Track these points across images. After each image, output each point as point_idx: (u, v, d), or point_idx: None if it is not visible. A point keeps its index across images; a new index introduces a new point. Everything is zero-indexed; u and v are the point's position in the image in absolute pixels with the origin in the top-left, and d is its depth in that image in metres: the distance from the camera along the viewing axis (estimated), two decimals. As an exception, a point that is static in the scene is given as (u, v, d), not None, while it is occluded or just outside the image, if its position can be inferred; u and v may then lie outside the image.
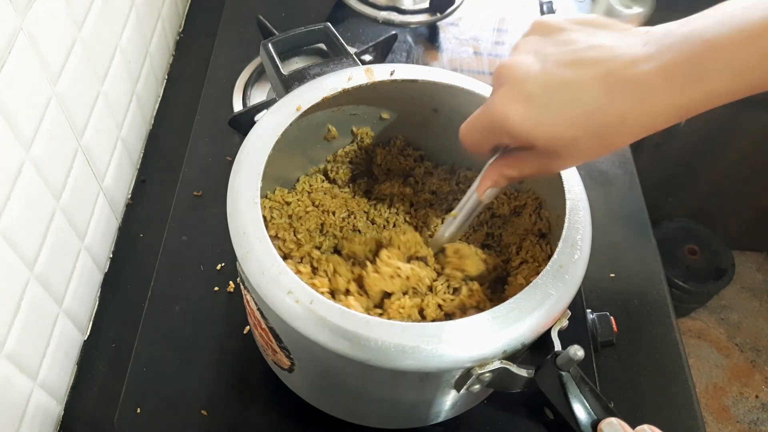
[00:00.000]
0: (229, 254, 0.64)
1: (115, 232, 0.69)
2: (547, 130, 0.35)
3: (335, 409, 0.52)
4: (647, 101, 0.32)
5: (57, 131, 0.54)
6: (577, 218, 0.43)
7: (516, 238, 0.53)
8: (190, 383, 0.57)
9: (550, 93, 0.34)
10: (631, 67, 0.32)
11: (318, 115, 0.51)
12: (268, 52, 0.54)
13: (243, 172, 0.43)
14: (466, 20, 0.92)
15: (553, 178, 0.46)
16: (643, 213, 0.74)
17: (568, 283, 0.40)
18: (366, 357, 0.36)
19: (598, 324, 0.61)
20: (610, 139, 0.34)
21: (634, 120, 0.33)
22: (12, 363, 0.49)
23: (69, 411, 0.58)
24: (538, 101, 0.34)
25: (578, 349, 0.36)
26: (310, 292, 0.38)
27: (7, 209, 0.47)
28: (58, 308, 0.56)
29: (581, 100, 0.33)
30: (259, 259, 0.39)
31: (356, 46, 0.85)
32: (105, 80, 0.64)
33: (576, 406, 0.36)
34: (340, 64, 0.52)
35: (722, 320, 1.64)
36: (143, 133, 0.77)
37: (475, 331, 0.37)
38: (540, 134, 0.35)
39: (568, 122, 0.34)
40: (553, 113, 0.34)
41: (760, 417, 1.48)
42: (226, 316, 0.61)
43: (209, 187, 0.70)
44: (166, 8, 0.83)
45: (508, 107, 0.35)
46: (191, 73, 0.85)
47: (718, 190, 1.48)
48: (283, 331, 0.43)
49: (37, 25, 0.49)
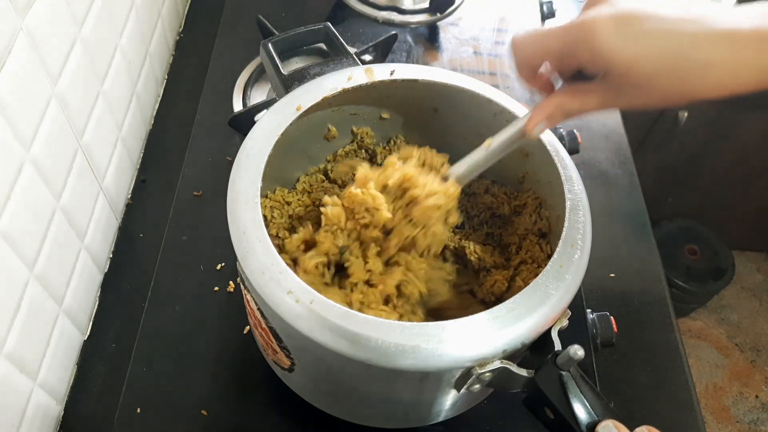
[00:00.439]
0: (229, 254, 0.64)
1: (115, 232, 0.69)
2: (632, 57, 0.34)
3: (335, 409, 0.52)
4: (737, 54, 0.33)
5: (57, 131, 0.54)
6: (577, 218, 0.43)
7: (516, 238, 0.53)
8: (190, 383, 0.57)
9: (646, 24, 0.34)
10: (730, 23, 0.33)
11: (318, 114, 0.51)
12: (268, 52, 0.54)
13: (243, 172, 0.43)
14: (466, 20, 0.92)
15: (553, 178, 0.47)
16: (643, 213, 0.74)
17: (569, 282, 0.40)
18: (366, 356, 0.36)
19: (598, 324, 0.61)
20: (689, 84, 0.34)
21: (719, 70, 0.33)
22: (12, 363, 0.49)
23: (69, 411, 0.58)
24: (632, 27, 0.34)
25: (578, 349, 0.36)
26: (311, 292, 0.38)
27: (7, 209, 0.47)
28: (58, 308, 0.56)
29: (675, 39, 0.34)
30: (259, 259, 0.39)
31: (356, 46, 0.85)
32: (105, 80, 0.64)
33: (576, 405, 0.36)
34: (340, 64, 0.52)
35: (722, 320, 1.64)
36: (143, 133, 0.77)
37: (475, 331, 0.37)
38: (623, 59, 0.35)
39: (655, 55, 0.34)
40: (643, 42, 0.34)
41: (760, 417, 1.48)
42: (226, 316, 0.61)
43: (209, 187, 0.70)
44: (166, 8, 0.83)
45: (602, 23, 0.35)
46: (191, 73, 0.85)
47: (718, 190, 1.48)
48: (283, 331, 0.43)
49: (37, 25, 0.49)
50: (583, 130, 0.81)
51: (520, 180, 0.54)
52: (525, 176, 0.53)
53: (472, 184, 0.58)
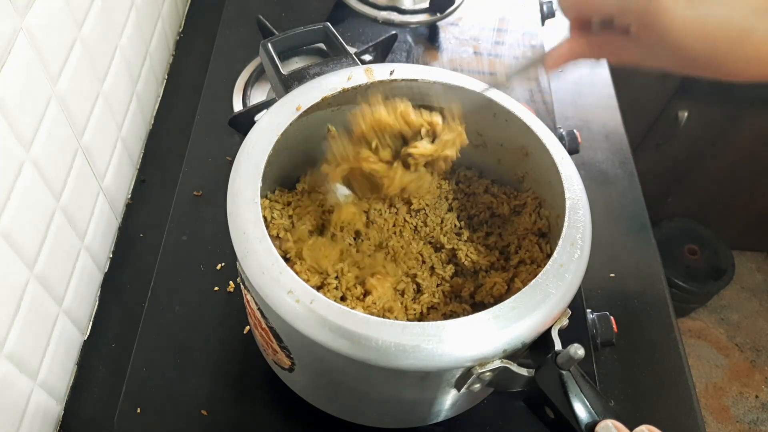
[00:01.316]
0: (229, 254, 0.64)
1: (115, 232, 0.69)
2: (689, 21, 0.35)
3: (335, 409, 0.52)
4: None
5: (57, 131, 0.54)
6: (577, 217, 0.43)
7: (515, 238, 0.53)
8: (190, 383, 0.57)
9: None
10: None
11: (318, 114, 0.51)
12: (267, 52, 0.54)
13: (243, 173, 0.43)
14: (466, 20, 0.92)
15: (553, 177, 0.47)
16: (643, 213, 0.74)
17: (569, 281, 0.40)
18: (366, 356, 0.36)
19: (598, 324, 0.61)
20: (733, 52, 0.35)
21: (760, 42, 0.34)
22: (12, 363, 0.49)
23: (69, 411, 0.58)
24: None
25: (578, 348, 0.36)
26: (311, 292, 0.38)
27: (7, 209, 0.47)
28: (58, 308, 0.56)
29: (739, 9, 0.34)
30: (259, 259, 0.39)
31: (356, 46, 0.85)
32: (105, 80, 0.64)
33: (576, 405, 0.36)
34: (340, 64, 0.52)
35: (722, 320, 1.64)
36: (143, 133, 0.77)
37: (475, 330, 0.37)
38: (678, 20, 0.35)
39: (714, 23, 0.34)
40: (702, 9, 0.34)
41: (760, 417, 1.48)
42: (226, 316, 0.61)
43: (209, 187, 0.70)
44: (166, 8, 0.83)
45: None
46: (191, 73, 0.84)
47: (718, 190, 1.48)
48: (283, 331, 0.43)
49: (37, 25, 0.49)
50: (583, 130, 0.81)
51: (520, 179, 0.54)
52: (525, 176, 0.53)
53: (472, 184, 0.58)
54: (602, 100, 0.86)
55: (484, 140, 0.55)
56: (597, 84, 0.88)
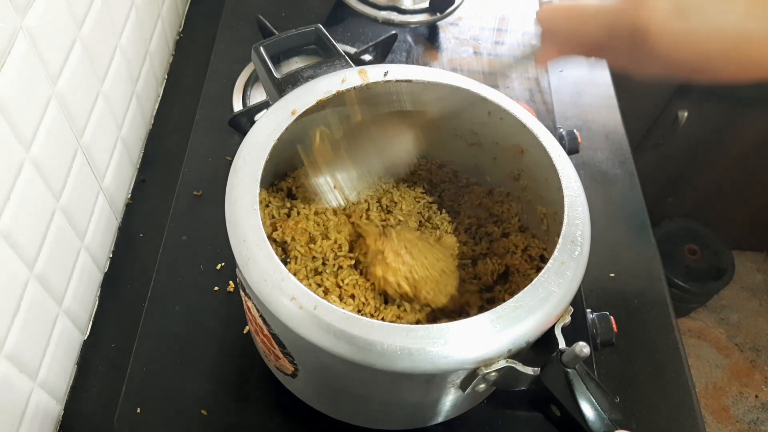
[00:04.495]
0: (229, 254, 0.64)
1: (115, 231, 0.69)
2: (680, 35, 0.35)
3: (337, 412, 0.51)
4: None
5: (57, 131, 0.54)
6: (576, 214, 0.43)
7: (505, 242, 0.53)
8: (190, 383, 0.57)
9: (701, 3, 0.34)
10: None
11: (313, 117, 0.50)
12: (260, 56, 0.53)
13: (240, 180, 0.43)
14: (466, 20, 0.92)
15: (550, 174, 0.46)
16: (643, 213, 0.74)
17: (570, 279, 0.39)
18: (372, 361, 0.36)
19: (598, 324, 0.61)
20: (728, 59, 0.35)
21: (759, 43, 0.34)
22: (12, 363, 0.49)
23: (69, 411, 0.58)
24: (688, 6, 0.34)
25: (584, 346, 0.36)
26: (314, 298, 0.37)
27: (7, 209, 0.46)
28: (58, 308, 0.56)
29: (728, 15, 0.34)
30: (260, 267, 0.38)
31: (356, 46, 0.85)
32: (105, 80, 0.64)
33: (583, 402, 0.36)
34: (333, 66, 0.52)
35: (722, 320, 1.64)
36: (143, 133, 0.77)
37: (479, 331, 0.37)
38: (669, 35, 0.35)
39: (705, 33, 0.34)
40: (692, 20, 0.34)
41: (760, 417, 1.48)
42: (226, 316, 0.60)
43: (209, 187, 0.70)
44: (166, 8, 0.83)
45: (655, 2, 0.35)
46: (191, 73, 0.84)
47: (718, 190, 1.48)
48: (286, 338, 0.42)
49: (37, 25, 0.49)
50: (583, 130, 0.81)
51: (516, 177, 0.54)
52: (521, 173, 0.53)
53: (462, 180, 0.58)
54: (602, 100, 0.86)
55: (478, 138, 0.55)
56: (597, 84, 0.88)
